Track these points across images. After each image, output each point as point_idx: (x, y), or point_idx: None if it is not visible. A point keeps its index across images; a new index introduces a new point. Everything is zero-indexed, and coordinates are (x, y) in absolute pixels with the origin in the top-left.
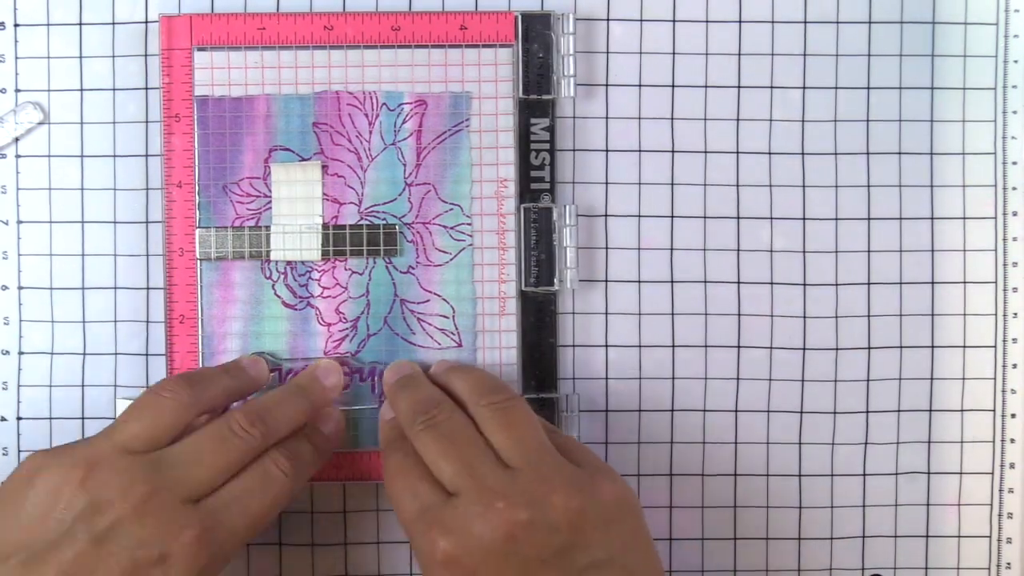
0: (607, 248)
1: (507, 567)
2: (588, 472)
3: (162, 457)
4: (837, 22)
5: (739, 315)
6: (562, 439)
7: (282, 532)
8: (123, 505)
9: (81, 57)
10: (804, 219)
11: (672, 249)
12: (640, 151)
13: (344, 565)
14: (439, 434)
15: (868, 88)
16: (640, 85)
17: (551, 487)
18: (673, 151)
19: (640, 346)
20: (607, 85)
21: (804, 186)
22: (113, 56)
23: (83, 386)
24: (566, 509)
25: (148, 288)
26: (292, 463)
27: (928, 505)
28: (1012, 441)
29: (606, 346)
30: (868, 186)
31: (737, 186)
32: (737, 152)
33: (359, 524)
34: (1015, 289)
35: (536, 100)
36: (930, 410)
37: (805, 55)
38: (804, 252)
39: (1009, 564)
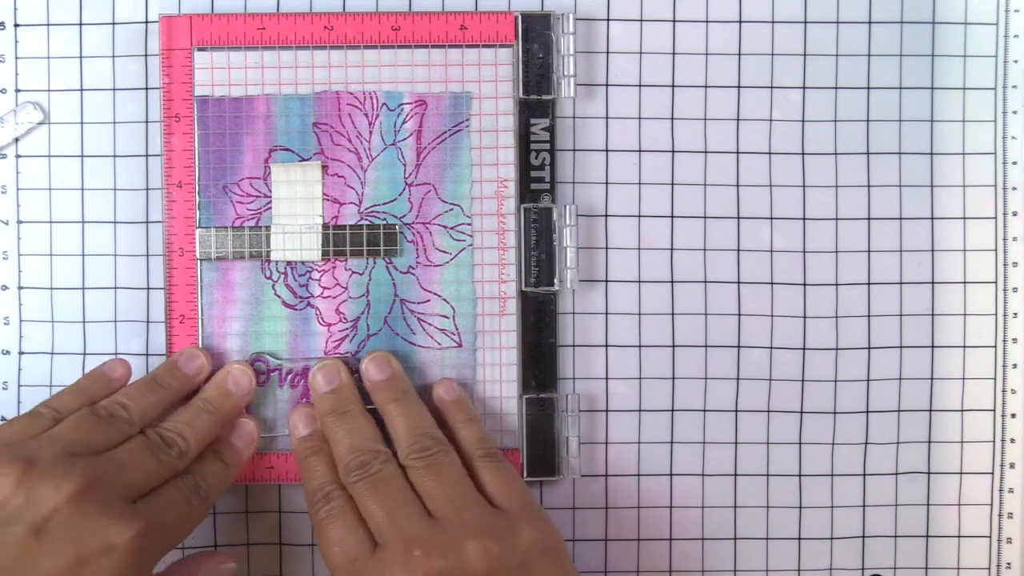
0: (607, 248)
1: None
2: (509, 518)
3: (99, 459)
4: (837, 22)
5: (739, 315)
6: (496, 476)
7: (282, 532)
8: (61, 496)
9: (81, 57)
10: (804, 219)
11: (672, 249)
12: (640, 151)
13: None
14: (372, 486)
15: (868, 88)
16: (640, 85)
17: (468, 534)
18: (673, 151)
19: (640, 346)
20: (607, 85)
21: (804, 186)
22: (113, 56)
23: None
24: (483, 557)
25: (148, 288)
26: (202, 493)
27: (928, 505)
28: (1012, 441)
29: (606, 346)
30: (868, 186)
31: (737, 186)
32: (737, 152)
33: None
34: (1015, 289)
35: (536, 100)
36: (930, 410)
37: (805, 55)
38: (804, 252)
39: (1009, 564)
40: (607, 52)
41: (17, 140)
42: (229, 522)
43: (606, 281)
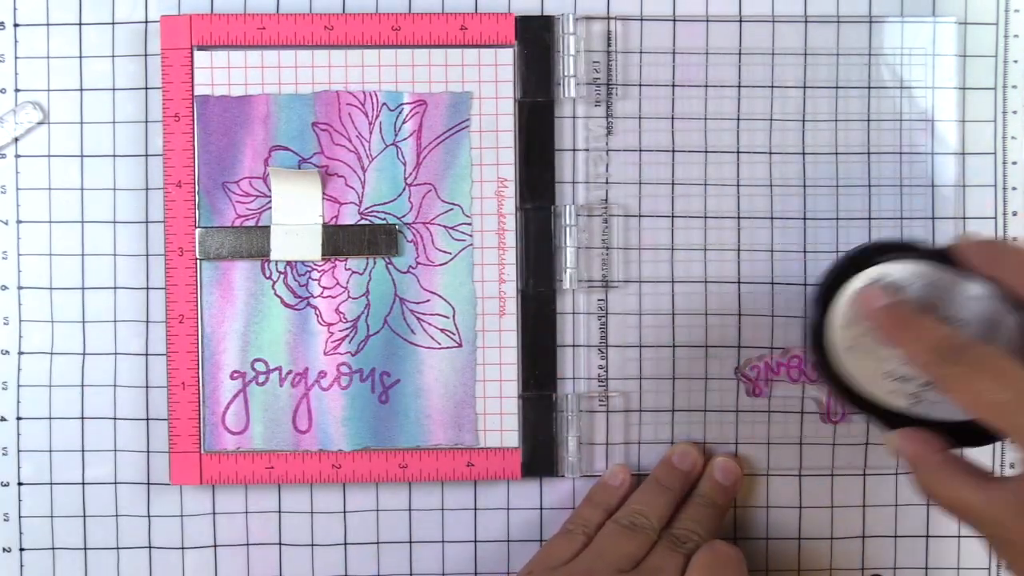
0: (607, 248)
1: None
2: None
3: (640, 569)
4: (838, 21)
5: (739, 315)
6: None
7: (282, 532)
8: None
9: (81, 57)
10: (804, 219)
11: (672, 249)
12: (640, 151)
13: (344, 565)
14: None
15: (868, 88)
16: (640, 84)
17: None
18: (673, 150)
19: (640, 346)
20: (608, 85)
21: (804, 186)
22: (113, 56)
23: (83, 386)
24: None
25: (148, 288)
26: (683, 552)
27: (928, 505)
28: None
29: (606, 346)
30: (868, 186)
31: (737, 186)
32: (737, 152)
33: (359, 524)
34: None
35: (536, 100)
36: None
37: (805, 54)
38: (804, 252)
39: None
40: (607, 52)
41: (17, 140)
42: (229, 522)
43: (606, 281)
